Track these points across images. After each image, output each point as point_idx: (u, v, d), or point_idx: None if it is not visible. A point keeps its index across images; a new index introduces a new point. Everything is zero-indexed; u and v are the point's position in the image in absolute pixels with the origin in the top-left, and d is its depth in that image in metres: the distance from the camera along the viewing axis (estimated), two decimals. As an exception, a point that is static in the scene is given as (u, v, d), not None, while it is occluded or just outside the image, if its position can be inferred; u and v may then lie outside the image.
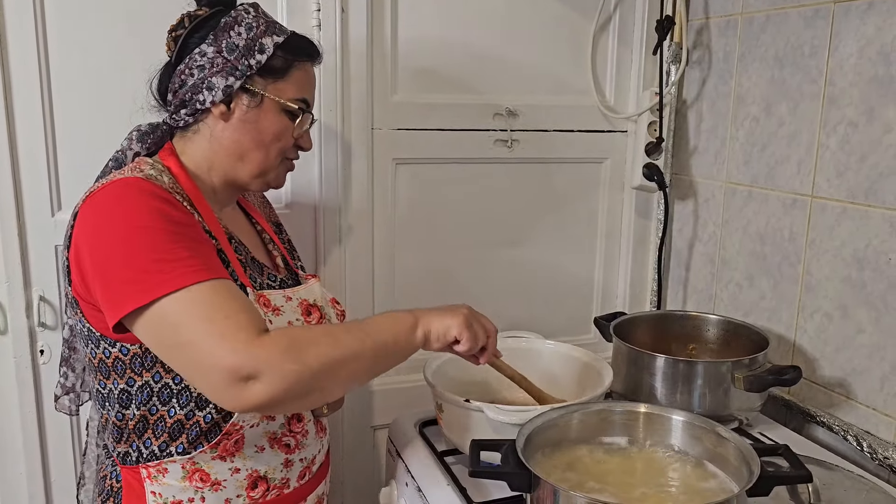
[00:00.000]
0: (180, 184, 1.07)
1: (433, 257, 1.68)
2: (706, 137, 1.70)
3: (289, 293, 1.12)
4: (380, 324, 1.05)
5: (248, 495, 1.09)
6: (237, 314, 0.93)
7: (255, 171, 1.12)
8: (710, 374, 1.35)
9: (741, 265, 1.62)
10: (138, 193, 0.98)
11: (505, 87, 1.66)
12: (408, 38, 1.56)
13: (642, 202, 1.82)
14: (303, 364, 0.93)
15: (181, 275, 0.92)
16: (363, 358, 1.00)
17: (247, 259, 1.11)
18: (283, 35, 1.11)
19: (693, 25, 1.70)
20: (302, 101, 1.12)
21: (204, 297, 0.93)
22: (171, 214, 0.97)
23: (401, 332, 1.05)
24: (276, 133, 1.11)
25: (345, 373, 0.99)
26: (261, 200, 1.34)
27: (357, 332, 1.01)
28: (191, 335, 0.91)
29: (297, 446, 1.13)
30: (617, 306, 1.86)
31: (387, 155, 1.59)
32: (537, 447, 1.08)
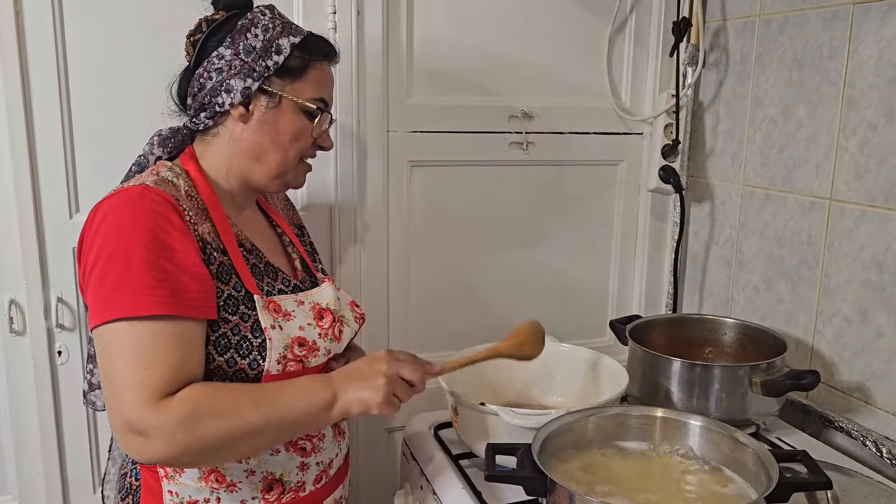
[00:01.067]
0: (197, 188, 1.08)
1: (448, 259, 1.68)
2: (723, 140, 1.69)
3: (301, 297, 1.12)
4: (293, 398, 1.02)
5: (264, 497, 1.09)
6: (156, 369, 0.95)
7: (272, 172, 1.13)
8: (727, 378, 1.33)
9: (758, 268, 1.60)
10: (133, 209, 0.99)
11: (520, 89, 1.65)
12: (423, 40, 1.56)
13: (658, 205, 1.81)
14: (194, 437, 0.95)
15: (134, 304, 0.95)
16: (266, 434, 1.00)
17: (261, 264, 1.12)
18: (299, 35, 1.11)
19: (710, 27, 1.69)
20: (320, 100, 1.13)
21: (138, 338, 0.95)
22: (158, 235, 0.98)
23: (314, 408, 1.03)
24: (295, 133, 1.12)
25: (243, 447, 1.01)
26: (284, 203, 1.34)
27: (266, 406, 0.99)
28: (111, 371, 0.96)
29: (313, 450, 1.13)
30: (632, 309, 1.85)
31: (402, 157, 1.59)
32: (553, 451, 1.08)
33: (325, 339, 1.12)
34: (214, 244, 1.05)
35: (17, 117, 1.30)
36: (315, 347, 1.10)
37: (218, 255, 1.05)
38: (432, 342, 1.67)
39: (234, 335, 1.04)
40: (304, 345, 1.08)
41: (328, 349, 1.12)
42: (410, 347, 1.65)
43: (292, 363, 1.07)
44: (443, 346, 1.67)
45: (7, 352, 1.38)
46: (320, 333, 1.11)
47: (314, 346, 1.10)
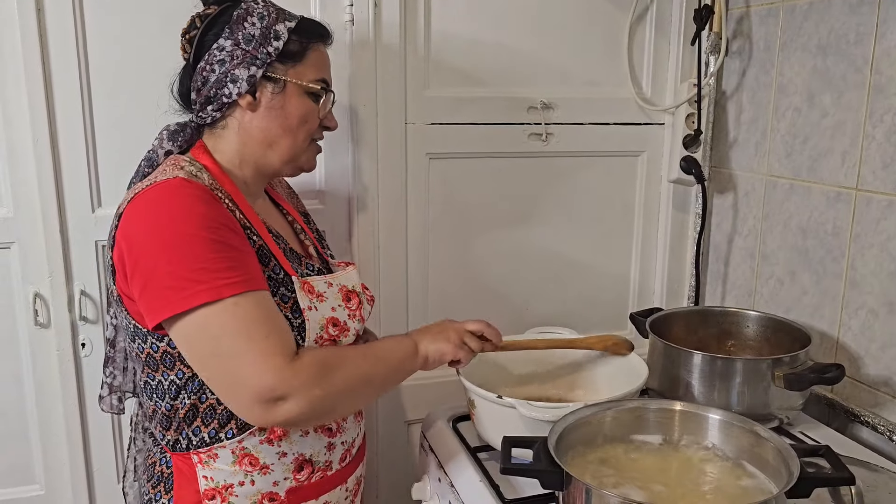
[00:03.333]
0: (218, 181, 1.09)
1: (466, 251, 1.67)
2: (746, 129, 1.66)
3: (329, 279, 1.15)
4: (387, 349, 1.15)
5: (295, 477, 1.12)
6: (275, 334, 0.99)
7: (285, 156, 1.15)
8: (750, 371, 1.32)
9: (782, 260, 1.58)
10: (182, 197, 1.01)
11: (539, 80, 1.64)
12: (441, 31, 1.55)
13: (680, 196, 1.78)
14: (328, 391, 1.02)
15: (222, 286, 0.97)
16: (375, 381, 1.12)
17: (286, 249, 1.14)
18: (294, 20, 1.13)
19: (733, 14, 1.66)
20: (322, 81, 1.15)
21: (244, 313, 0.98)
22: (215, 221, 1.00)
23: (405, 358, 1.15)
24: (302, 116, 1.13)
25: (360, 397, 1.14)
26: (287, 191, 1.36)
27: (371, 357, 1.11)
28: (232, 349, 0.97)
29: (338, 430, 1.16)
30: (653, 302, 1.83)
31: (420, 149, 1.58)
32: (570, 445, 1.07)
33: (354, 319, 1.15)
34: (251, 229, 1.08)
35: (39, 113, 1.32)
36: (346, 328, 1.13)
37: (257, 240, 1.08)
38: (451, 335, 1.67)
39: (294, 313, 1.07)
40: (337, 325, 1.12)
41: (357, 330, 1.16)
42: (429, 340, 1.66)
43: (327, 342, 1.10)
44: (462, 338, 1.67)
45: (32, 344, 1.41)
46: (350, 315, 1.14)
47: (345, 327, 1.13)
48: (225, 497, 1.09)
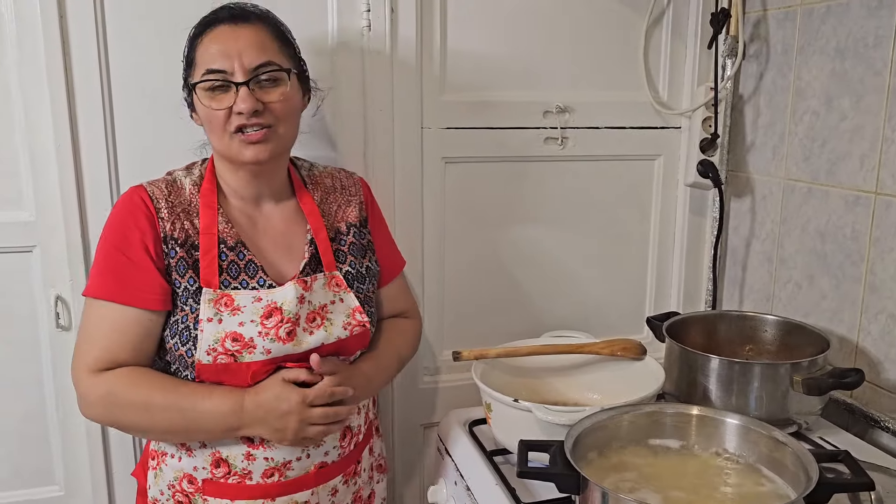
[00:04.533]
0: (207, 182, 1.19)
1: (482, 255, 1.67)
2: (763, 133, 1.65)
3: (262, 294, 1.15)
4: (201, 415, 1.12)
5: (212, 471, 1.17)
6: (95, 348, 1.13)
7: (221, 153, 1.18)
8: (768, 376, 1.31)
9: (800, 264, 1.56)
10: (120, 204, 1.17)
11: (555, 84, 1.64)
12: (457, 36, 1.55)
13: (696, 200, 1.78)
14: (110, 415, 1.15)
15: (94, 285, 1.14)
16: (173, 435, 1.16)
17: (241, 261, 1.16)
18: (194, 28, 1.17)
19: (749, 18, 1.65)
20: (208, 72, 1.13)
21: (92, 315, 1.14)
22: (121, 231, 1.14)
23: (217, 430, 1.13)
24: (206, 115, 1.15)
25: (154, 436, 1.20)
26: (344, 198, 1.31)
27: (175, 413, 1.12)
28: (77, 337, 1.16)
29: (262, 444, 1.16)
30: (670, 306, 1.82)
31: (436, 154, 1.59)
32: (586, 448, 1.07)
33: (266, 338, 1.12)
34: (182, 240, 1.15)
35: (61, 118, 1.33)
36: (251, 345, 1.12)
37: (179, 251, 1.14)
38: (467, 338, 1.67)
39: (181, 324, 1.14)
40: (239, 340, 1.12)
41: (268, 349, 1.13)
42: (445, 343, 1.67)
43: (223, 356, 1.12)
44: (478, 342, 1.66)
45: (53, 347, 1.42)
46: (260, 332, 1.12)
47: (250, 344, 1.12)
48: (159, 463, 1.21)
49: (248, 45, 1.13)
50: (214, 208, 1.18)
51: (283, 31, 1.21)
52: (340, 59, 1.48)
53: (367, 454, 1.33)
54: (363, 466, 1.31)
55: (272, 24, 1.19)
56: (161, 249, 1.14)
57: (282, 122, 1.17)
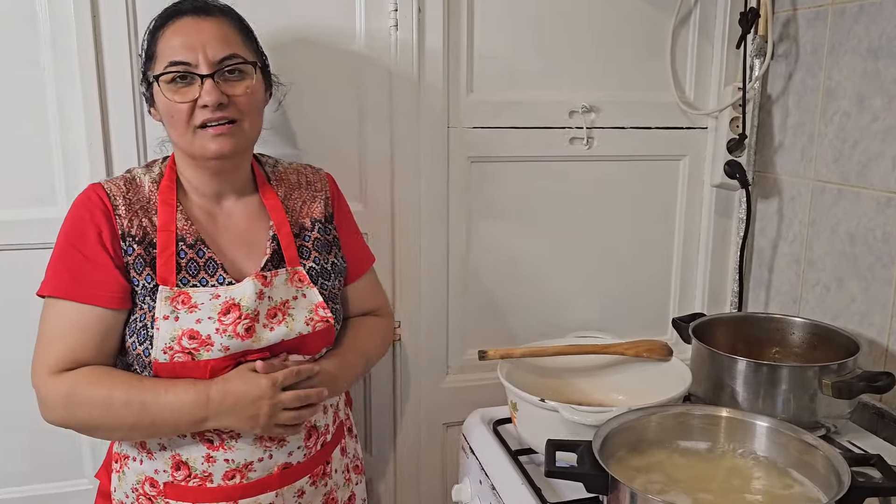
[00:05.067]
0: (166, 179, 1.18)
1: (507, 255, 1.67)
2: (792, 134, 1.64)
3: (220, 291, 1.14)
4: (164, 408, 1.09)
5: (172, 474, 1.16)
6: (53, 347, 1.11)
7: (183, 149, 1.16)
8: (796, 379, 1.30)
9: (829, 266, 1.55)
10: (77, 205, 1.15)
11: (581, 84, 1.63)
12: (484, 36, 1.55)
13: (722, 200, 1.77)
14: (71, 415, 1.11)
15: (51, 283, 1.13)
16: (137, 431, 1.12)
17: (201, 259, 1.16)
18: (154, 20, 1.16)
19: (779, 17, 1.64)
20: (169, 64, 1.11)
21: (50, 315, 1.13)
22: (78, 228, 1.13)
23: (182, 423, 1.11)
24: (167, 108, 1.13)
25: (117, 435, 1.16)
26: (308, 194, 1.29)
27: (137, 408, 1.09)
28: (37, 337, 1.14)
29: (221, 445, 1.15)
30: (695, 307, 1.81)
31: (462, 153, 1.59)
32: (614, 449, 1.07)
33: (224, 335, 1.11)
34: (140, 237, 1.14)
35: (93, 116, 1.35)
36: (208, 342, 1.11)
37: (137, 248, 1.13)
38: (491, 337, 1.67)
39: (139, 322, 1.13)
40: (196, 338, 1.10)
41: (226, 345, 1.11)
42: (469, 343, 1.67)
43: (180, 354, 1.10)
44: (502, 341, 1.66)
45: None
46: (217, 329, 1.11)
47: (207, 341, 1.11)
48: (122, 466, 1.20)
49: (212, 37, 1.12)
50: (173, 205, 1.16)
51: (246, 25, 1.20)
52: (368, 59, 1.48)
53: (339, 455, 1.31)
54: (334, 468, 1.28)
55: (235, 18, 1.18)
56: (119, 247, 1.13)
57: (247, 117, 1.15)
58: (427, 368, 1.65)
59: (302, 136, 1.49)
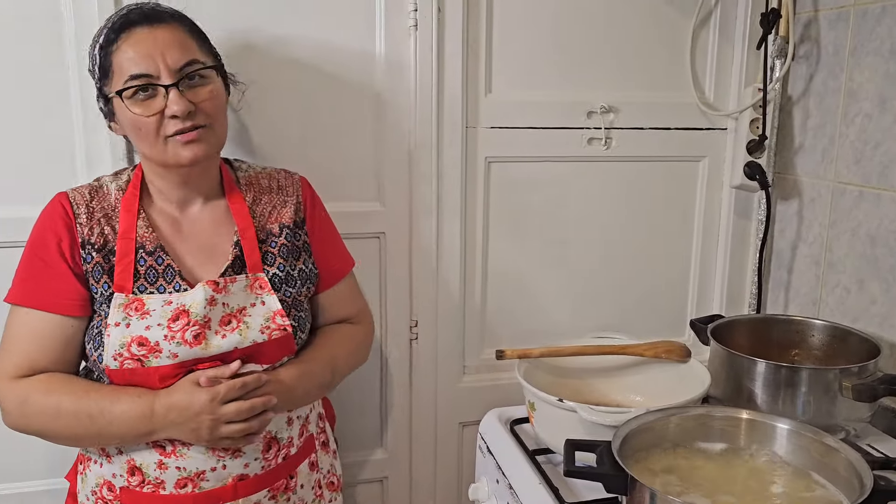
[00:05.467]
0: (131, 187, 1.19)
1: (524, 255, 1.67)
2: (813, 135, 1.63)
3: (173, 298, 1.13)
4: (111, 420, 1.09)
5: (128, 479, 1.15)
6: (14, 351, 1.13)
7: (155, 160, 1.15)
8: (816, 381, 1.29)
9: (849, 268, 1.54)
10: (43, 213, 1.17)
11: (600, 84, 1.63)
12: (502, 36, 1.56)
13: (742, 202, 1.76)
14: (25, 422, 1.13)
15: (14, 291, 1.15)
16: (85, 440, 1.13)
17: (160, 266, 1.16)
18: (102, 33, 1.12)
19: (800, 18, 1.63)
20: (130, 78, 1.09)
21: (13, 322, 1.15)
22: (41, 237, 1.15)
23: (129, 435, 1.11)
24: (133, 122, 1.11)
25: (68, 442, 1.15)
26: (278, 199, 1.27)
27: (84, 419, 1.09)
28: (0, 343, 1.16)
29: (174, 452, 1.13)
30: (713, 309, 1.80)
31: (480, 153, 1.59)
32: (632, 450, 1.07)
33: (172, 341, 1.10)
34: (99, 245, 1.14)
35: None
36: (157, 349, 1.10)
37: (96, 256, 1.14)
38: (508, 337, 1.68)
39: (95, 329, 1.14)
40: (145, 345, 1.10)
41: (174, 352, 1.10)
42: (486, 343, 1.68)
43: (129, 361, 1.10)
44: (518, 341, 1.67)
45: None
46: (166, 335, 1.10)
47: (156, 347, 1.10)
48: (86, 467, 1.20)
49: (169, 45, 1.10)
50: (134, 213, 1.16)
51: (198, 28, 1.18)
52: (388, 59, 1.49)
53: (307, 469, 1.27)
54: (299, 482, 1.25)
55: (187, 23, 1.16)
56: (79, 255, 1.14)
57: (214, 120, 1.14)
58: (443, 368, 1.65)
59: (320, 135, 1.50)
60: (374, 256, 1.57)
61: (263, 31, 1.42)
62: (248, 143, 1.46)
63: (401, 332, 1.62)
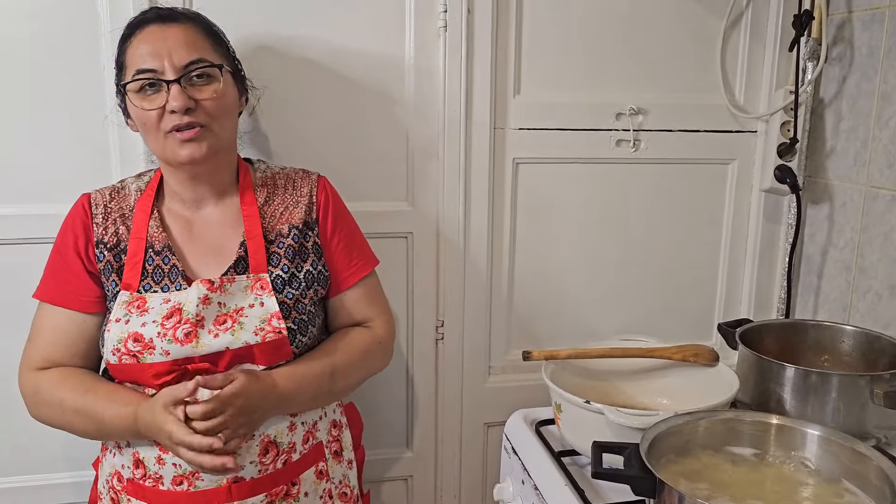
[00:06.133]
0: (148, 188, 1.23)
1: (550, 257, 1.67)
2: (845, 138, 1.61)
3: (171, 296, 1.15)
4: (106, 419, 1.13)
5: (133, 471, 1.17)
6: (35, 344, 1.19)
7: (158, 155, 1.19)
8: (846, 387, 1.27)
9: (881, 274, 1.52)
10: (68, 213, 1.22)
11: (629, 85, 1.63)
12: (532, 37, 1.56)
13: (771, 205, 1.74)
14: (37, 412, 1.19)
15: (39, 287, 1.21)
16: (89, 434, 1.18)
17: (166, 265, 1.18)
18: (123, 30, 1.18)
19: (833, 20, 1.61)
20: (138, 72, 1.12)
21: (37, 316, 1.21)
22: (65, 235, 1.20)
23: (124, 436, 1.16)
24: (140, 116, 1.15)
25: (77, 433, 1.18)
26: (291, 199, 1.26)
27: (83, 414, 1.14)
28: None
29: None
30: (741, 313, 1.79)
31: (508, 154, 1.59)
32: (661, 452, 1.06)
33: (164, 339, 1.11)
34: (112, 244, 1.19)
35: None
36: (150, 345, 1.12)
37: (107, 255, 1.18)
38: (534, 339, 1.68)
39: (104, 325, 1.17)
40: (140, 341, 1.12)
41: (166, 350, 1.11)
42: (512, 344, 1.68)
43: (126, 357, 1.13)
44: (544, 343, 1.67)
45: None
46: (159, 332, 1.12)
47: (150, 344, 1.12)
48: (103, 456, 1.24)
49: (178, 43, 1.13)
50: (147, 213, 1.20)
51: (215, 31, 1.20)
52: (417, 59, 1.50)
53: (313, 478, 1.23)
54: (303, 490, 1.21)
55: (203, 24, 1.19)
56: (93, 253, 1.19)
57: (215, 120, 1.15)
58: (469, 368, 1.66)
59: (349, 135, 1.51)
60: (401, 256, 1.58)
61: (290, 33, 1.44)
62: (275, 145, 1.48)
63: (427, 331, 1.63)
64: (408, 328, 1.62)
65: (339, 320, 1.31)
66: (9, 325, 1.37)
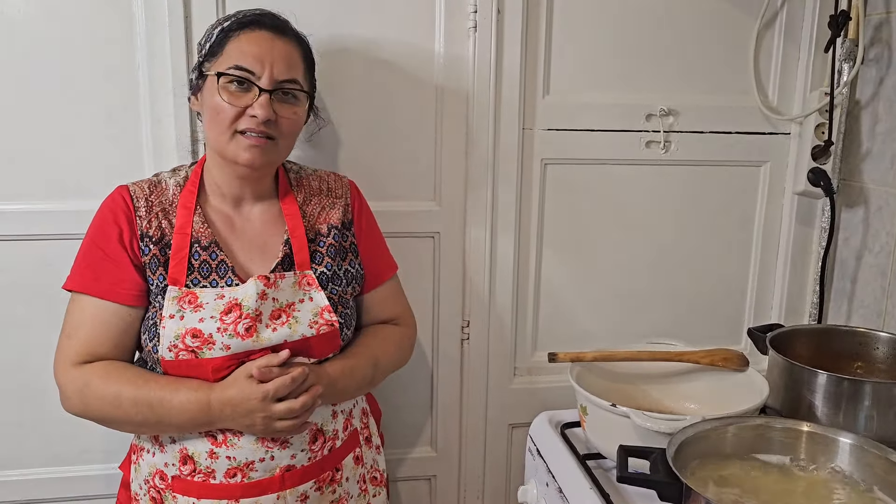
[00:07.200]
0: (190, 182, 1.23)
1: (579, 259, 1.66)
2: (882, 141, 1.57)
3: (225, 292, 1.16)
4: (171, 409, 1.12)
5: (179, 468, 1.18)
6: (74, 340, 1.17)
7: (217, 148, 1.19)
8: (881, 395, 1.25)
9: (918, 280, 1.49)
10: (104, 205, 1.21)
11: (660, 86, 1.61)
12: (562, 38, 1.55)
13: (804, 209, 1.71)
14: (85, 407, 1.16)
15: (74, 279, 1.19)
16: (145, 427, 1.16)
17: (213, 261, 1.19)
18: (230, 20, 1.19)
19: (871, 20, 1.58)
20: (235, 67, 1.14)
21: (73, 309, 1.19)
22: (102, 228, 1.19)
23: (188, 426, 1.14)
24: (214, 105, 1.15)
25: (128, 428, 1.19)
26: (328, 200, 1.30)
27: (143, 407, 1.12)
28: (61, 330, 1.19)
29: (224, 442, 1.16)
30: (771, 317, 1.76)
31: (536, 155, 1.59)
32: (687, 458, 1.05)
33: (224, 333, 1.13)
34: (157, 238, 1.18)
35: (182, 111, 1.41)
36: (210, 340, 1.13)
37: (153, 249, 1.18)
38: (560, 341, 1.67)
39: (150, 320, 1.17)
40: (198, 336, 1.13)
41: (227, 344, 1.13)
42: (539, 345, 1.67)
43: (184, 353, 1.13)
44: (571, 345, 1.66)
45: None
46: (219, 328, 1.13)
47: (209, 339, 1.13)
48: (139, 457, 1.23)
49: (282, 57, 1.16)
50: (191, 209, 1.21)
51: (311, 57, 1.25)
52: (446, 60, 1.50)
53: (352, 463, 1.28)
54: (345, 475, 1.27)
55: (305, 47, 1.23)
56: (138, 246, 1.18)
57: (284, 137, 1.19)
58: (494, 369, 1.66)
59: (380, 136, 1.51)
60: (428, 255, 1.58)
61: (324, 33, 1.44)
62: (308, 146, 1.49)
63: (452, 331, 1.63)
64: (433, 328, 1.62)
65: (368, 317, 1.35)
66: (45, 319, 1.39)
